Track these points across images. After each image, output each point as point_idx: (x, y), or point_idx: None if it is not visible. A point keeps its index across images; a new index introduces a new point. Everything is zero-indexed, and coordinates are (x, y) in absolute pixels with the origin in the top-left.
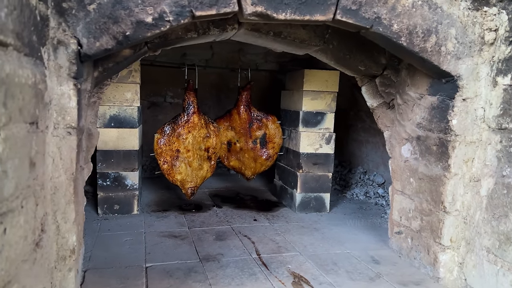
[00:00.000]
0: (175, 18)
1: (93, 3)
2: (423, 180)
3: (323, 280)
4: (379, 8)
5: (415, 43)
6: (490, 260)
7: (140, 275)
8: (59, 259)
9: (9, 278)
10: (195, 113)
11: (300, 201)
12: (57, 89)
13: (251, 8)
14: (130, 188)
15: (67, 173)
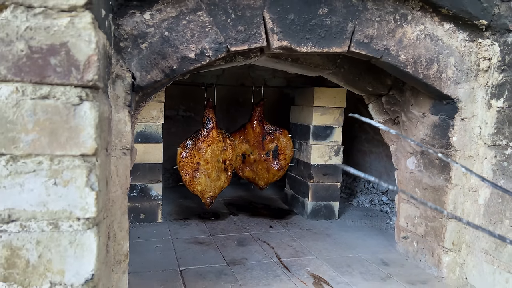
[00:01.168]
0: (213, 54)
1: (145, 42)
2: (427, 190)
3: (340, 280)
4: (388, 41)
5: (419, 71)
6: (488, 261)
7: (177, 277)
8: (115, 263)
9: (99, 277)
10: (214, 128)
11: (312, 209)
12: (115, 116)
13: (277, 43)
14: (155, 198)
15: (123, 188)
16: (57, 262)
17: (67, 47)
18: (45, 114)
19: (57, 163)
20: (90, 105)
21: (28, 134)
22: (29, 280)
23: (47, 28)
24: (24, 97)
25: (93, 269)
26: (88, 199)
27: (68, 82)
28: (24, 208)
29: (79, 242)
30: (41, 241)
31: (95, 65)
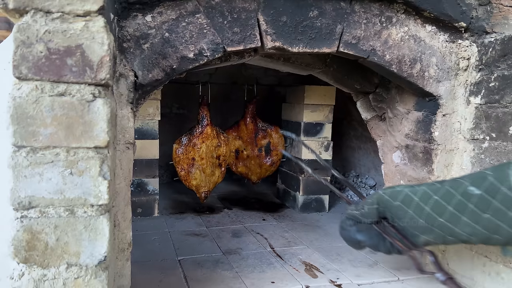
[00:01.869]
0: (211, 54)
1: (147, 42)
2: (411, 182)
3: (330, 267)
4: (374, 42)
5: (403, 70)
6: (467, 247)
7: (176, 266)
8: (120, 251)
9: (110, 261)
10: (208, 125)
11: (303, 203)
12: (119, 112)
13: (271, 44)
14: (151, 193)
15: (126, 180)
16: (73, 245)
17: (82, 48)
18: (62, 110)
19: (72, 154)
20: (103, 101)
21: (46, 128)
22: (48, 261)
23: (64, 31)
24: (43, 95)
25: (105, 251)
26: (101, 187)
27: (83, 80)
28: (43, 196)
29: (93, 227)
30: (59, 225)
31: (107, 65)
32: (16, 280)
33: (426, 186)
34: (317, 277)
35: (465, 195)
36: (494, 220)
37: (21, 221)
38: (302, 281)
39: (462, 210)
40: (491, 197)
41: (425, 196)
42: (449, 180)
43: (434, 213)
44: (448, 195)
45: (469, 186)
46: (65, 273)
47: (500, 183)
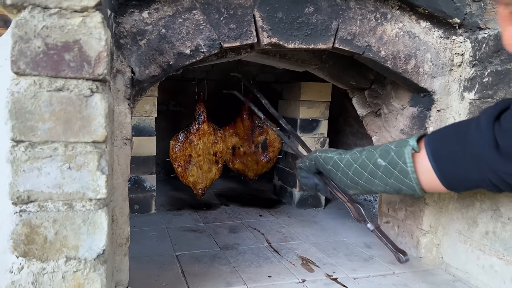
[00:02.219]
0: (208, 50)
1: (144, 39)
2: None
3: (326, 261)
4: (369, 38)
5: (398, 66)
6: (461, 240)
7: (173, 261)
8: (118, 246)
9: (108, 254)
10: (205, 122)
11: (299, 199)
12: (116, 108)
13: (267, 40)
14: (148, 189)
15: (124, 176)
16: (72, 239)
17: (79, 44)
18: (60, 105)
19: (71, 149)
20: (100, 96)
21: (45, 123)
22: (47, 255)
23: (62, 27)
24: (41, 90)
25: (104, 245)
26: (99, 181)
27: (81, 76)
28: (42, 190)
29: (92, 221)
30: (57, 219)
31: (104, 61)
32: (16, 273)
33: (350, 155)
34: (314, 271)
35: (375, 165)
36: (397, 183)
37: (20, 215)
38: (299, 275)
39: (374, 176)
40: (393, 168)
41: (348, 163)
42: (366, 150)
43: (356, 177)
44: (364, 164)
45: (378, 158)
46: (64, 266)
47: (398, 158)
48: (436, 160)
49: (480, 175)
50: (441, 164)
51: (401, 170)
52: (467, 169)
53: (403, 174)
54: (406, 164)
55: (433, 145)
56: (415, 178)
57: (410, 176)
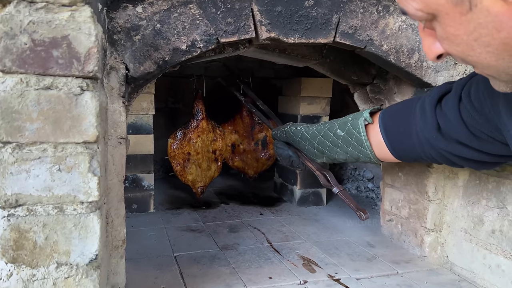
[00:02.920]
0: (204, 45)
1: (138, 34)
2: (410, 174)
3: (328, 261)
4: (371, 32)
5: (401, 60)
6: (467, 239)
7: (172, 262)
8: (113, 248)
9: (101, 259)
10: (204, 119)
11: (300, 196)
12: (110, 106)
13: (265, 34)
14: (146, 188)
15: (119, 176)
16: (62, 244)
17: (68, 40)
18: (48, 104)
19: (60, 150)
20: (91, 95)
21: (32, 123)
22: (37, 261)
23: (49, 22)
24: (28, 88)
25: (96, 249)
26: (91, 183)
27: (70, 73)
28: (31, 193)
29: (83, 225)
30: (47, 224)
31: (95, 57)
32: (4, 280)
33: (315, 128)
34: (315, 272)
35: (336, 135)
36: (355, 152)
37: (8, 220)
38: (300, 276)
39: (335, 145)
40: (350, 137)
41: (313, 135)
42: (329, 122)
43: (320, 146)
44: (326, 134)
45: (338, 129)
46: (55, 272)
47: (354, 128)
48: (387, 134)
49: (423, 151)
50: (391, 138)
51: (357, 139)
52: (412, 145)
53: (359, 143)
54: (360, 134)
55: (385, 121)
56: (369, 146)
57: (364, 145)
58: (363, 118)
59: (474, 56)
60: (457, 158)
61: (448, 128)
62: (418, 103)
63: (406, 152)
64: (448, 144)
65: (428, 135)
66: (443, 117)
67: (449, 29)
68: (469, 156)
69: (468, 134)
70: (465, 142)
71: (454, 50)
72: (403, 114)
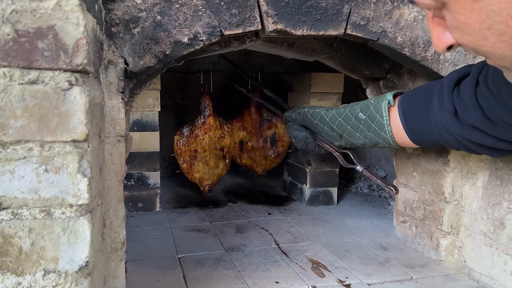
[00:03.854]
0: (207, 38)
1: (137, 26)
2: (425, 173)
3: (338, 265)
4: (384, 23)
5: (417, 53)
6: (486, 243)
7: (175, 264)
8: (112, 251)
9: (94, 264)
10: (211, 115)
11: (310, 195)
12: (108, 102)
13: (272, 26)
14: (152, 187)
15: (118, 175)
16: (50, 250)
17: (54, 30)
18: (34, 100)
19: (47, 149)
20: (80, 89)
21: (17, 120)
22: (23, 268)
23: (34, 11)
24: (12, 82)
25: (87, 256)
26: (80, 185)
27: (57, 66)
28: (16, 196)
29: (72, 229)
30: (34, 228)
31: (84, 49)
32: None
33: (335, 110)
34: (325, 276)
35: (357, 118)
36: (374, 136)
37: None
38: (309, 280)
39: (356, 129)
40: (371, 121)
41: (333, 118)
42: (350, 105)
43: (339, 129)
44: (347, 117)
45: (359, 112)
46: (42, 280)
47: (376, 112)
48: (405, 118)
49: (441, 135)
50: (409, 122)
51: (378, 123)
52: (430, 129)
53: (380, 127)
54: (383, 117)
55: (404, 104)
56: (389, 131)
57: (385, 129)
58: (387, 101)
59: (487, 46)
60: (472, 144)
61: (464, 112)
62: (437, 86)
63: (424, 136)
64: (464, 129)
65: (444, 119)
66: (460, 101)
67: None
68: (485, 143)
69: (484, 120)
70: (481, 128)
71: (465, 40)
72: (423, 98)
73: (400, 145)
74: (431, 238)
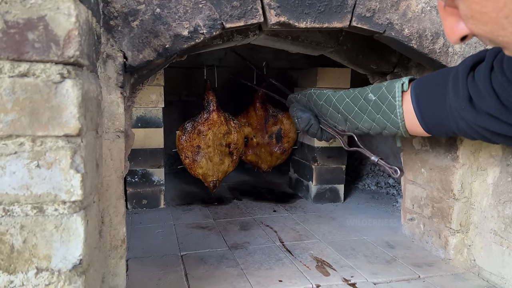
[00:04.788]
0: (208, 31)
1: (136, 20)
2: (433, 170)
3: (343, 263)
4: (391, 15)
5: (424, 45)
6: (497, 242)
7: (177, 262)
8: (112, 248)
9: (89, 262)
10: (215, 110)
11: (316, 193)
12: (107, 97)
13: (275, 19)
14: (156, 183)
15: (117, 172)
16: (42, 247)
17: (45, 21)
18: (24, 93)
19: (39, 144)
20: (72, 82)
21: (7, 114)
22: (15, 266)
23: (23, 1)
24: (2, 75)
25: (81, 254)
26: (74, 181)
27: (48, 58)
28: (7, 192)
29: (65, 227)
30: (26, 225)
31: (76, 40)
32: None
33: (343, 92)
34: (329, 275)
35: (366, 99)
36: (383, 120)
37: None
38: (313, 279)
39: (364, 111)
40: (382, 102)
41: (340, 98)
42: (360, 88)
43: (345, 111)
44: (356, 98)
45: (370, 93)
46: (35, 279)
47: (388, 92)
48: (418, 104)
49: (456, 123)
50: (422, 109)
51: (389, 104)
52: (445, 117)
53: (391, 108)
54: (395, 98)
55: (417, 90)
56: (400, 113)
57: (396, 111)
58: (401, 83)
59: (506, 36)
60: (487, 132)
61: (478, 99)
62: (453, 71)
63: (438, 125)
64: (478, 117)
65: (458, 106)
66: (474, 87)
67: (474, 6)
68: (500, 131)
69: (499, 106)
70: (496, 115)
71: (481, 30)
72: (438, 84)
73: (410, 133)
74: (440, 236)
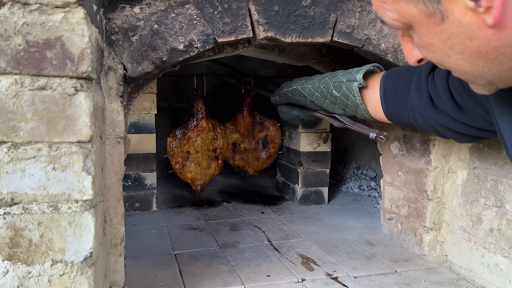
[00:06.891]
0: (202, 45)
1: (136, 35)
2: (409, 173)
3: (327, 260)
4: (369, 31)
5: (399, 59)
6: (465, 238)
7: (171, 260)
8: (112, 246)
9: (97, 255)
10: (203, 118)
11: (302, 195)
12: (109, 106)
13: (263, 34)
14: (149, 187)
15: (117, 175)
16: (57, 241)
17: (61, 41)
18: (43, 104)
19: (55, 149)
20: (85, 95)
21: (27, 123)
22: (32, 258)
23: (43, 23)
24: (23, 89)
25: (91, 247)
26: (85, 182)
27: (64, 74)
28: (26, 192)
29: (78, 223)
30: (42, 222)
31: (88, 58)
32: (1, 277)
33: (310, 85)
34: (314, 270)
35: (331, 95)
36: (351, 110)
37: (3, 218)
38: (298, 274)
39: (333, 103)
40: (345, 99)
41: (310, 92)
42: (323, 80)
43: (318, 103)
44: (323, 93)
45: (333, 90)
46: (50, 270)
47: (349, 92)
48: (385, 95)
49: (414, 116)
50: (387, 100)
51: (352, 101)
52: (406, 109)
53: (354, 105)
54: (355, 97)
55: (386, 82)
56: (364, 108)
57: (360, 107)
58: (357, 83)
59: (451, 63)
60: (442, 127)
61: (436, 97)
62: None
63: (399, 116)
64: (435, 113)
65: (419, 102)
66: (434, 87)
67: (424, 38)
68: (453, 127)
69: (453, 106)
70: (450, 113)
71: (431, 57)
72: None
73: (374, 118)
74: (415, 234)
